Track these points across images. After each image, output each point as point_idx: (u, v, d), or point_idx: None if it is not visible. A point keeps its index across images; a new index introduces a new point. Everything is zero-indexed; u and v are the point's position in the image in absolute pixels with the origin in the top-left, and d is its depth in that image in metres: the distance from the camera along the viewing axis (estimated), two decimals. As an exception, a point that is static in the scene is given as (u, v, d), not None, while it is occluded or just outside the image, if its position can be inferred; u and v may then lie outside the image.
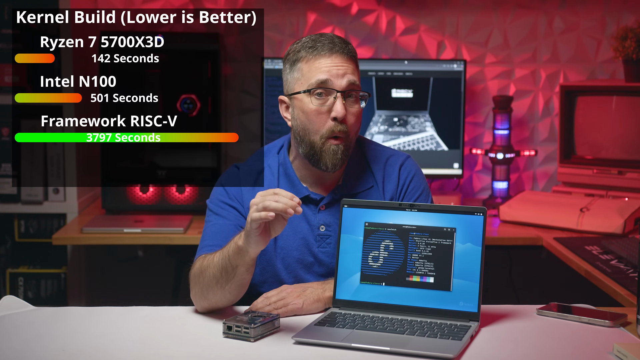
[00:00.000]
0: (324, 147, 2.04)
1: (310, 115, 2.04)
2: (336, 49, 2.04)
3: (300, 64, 2.05)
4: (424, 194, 2.17)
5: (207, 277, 1.94)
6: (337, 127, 2.03)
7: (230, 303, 1.99)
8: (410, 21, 3.78)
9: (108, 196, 3.40)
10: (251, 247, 1.84)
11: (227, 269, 1.90)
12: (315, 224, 2.11)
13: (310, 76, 2.03)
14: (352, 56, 2.06)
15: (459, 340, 1.75)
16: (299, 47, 2.07)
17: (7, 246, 3.55)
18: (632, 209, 3.16)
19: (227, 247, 1.92)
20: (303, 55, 2.05)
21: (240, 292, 1.96)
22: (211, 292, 1.95)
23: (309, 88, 2.03)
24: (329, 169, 2.06)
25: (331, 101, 2.03)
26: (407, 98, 3.57)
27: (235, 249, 1.87)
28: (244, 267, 1.89)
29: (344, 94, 2.03)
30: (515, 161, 3.80)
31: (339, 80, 2.02)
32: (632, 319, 1.95)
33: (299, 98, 2.06)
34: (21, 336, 1.84)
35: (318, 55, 2.03)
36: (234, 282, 1.91)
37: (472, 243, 1.89)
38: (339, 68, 2.03)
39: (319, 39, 2.05)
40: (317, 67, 2.03)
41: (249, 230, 1.81)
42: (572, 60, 3.80)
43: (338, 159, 2.05)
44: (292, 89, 2.08)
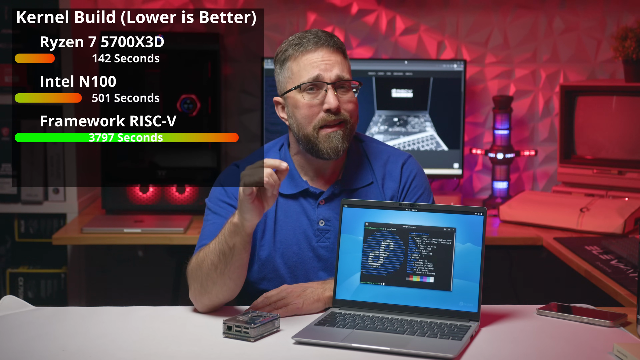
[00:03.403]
0: (319, 136, 2.05)
1: (303, 109, 2.05)
2: (321, 42, 2.05)
3: (289, 62, 2.07)
4: (425, 193, 2.17)
5: (205, 267, 1.95)
6: (330, 116, 2.04)
7: (231, 293, 1.98)
8: (410, 21, 3.78)
9: (108, 196, 3.40)
10: (246, 219, 1.86)
11: (224, 251, 1.91)
12: (315, 219, 2.12)
13: (300, 73, 2.05)
14: (338, 48, 2.08)
15: (459, 340, 1.75)
16: (285, 47, 2.09)
17: (7, 246, 3.55)
18: (632, 209, 3.16)
19: (221, 230, 1.94)
20: (290, 53, 2.07)
21: (239, 277, 1.96)
22: (211, 281, 1.95)
23: (299, 84, 2.04)
24: (331, 156, 2.07)
25: (322, 94, 2.04)
26: (407, 98, 3.57)
27: (231, 228, 1.90)
28: (241, 244, 1.90)
29: (334, 86, 2.04)
30: (515, 161, 3.80)
31: (327, 73, 2.04)
32: (632, 319, 1.94)
33: (292, 96, 2.07)
34: (21, 336, 1.84)
35: (304, 51, 2.05)
36: (232, 263, 1.92)
37: (472, 243, 1.89)
38: (327, 61, 2.04)
39: (304, 36, 2.07)
40: (305, 63, 2.05)
41: (242, 200, 1.84)
42: (572, 60, 3.80)
43: (336, 144, 2.05)
44: (284, 88, 2.10)
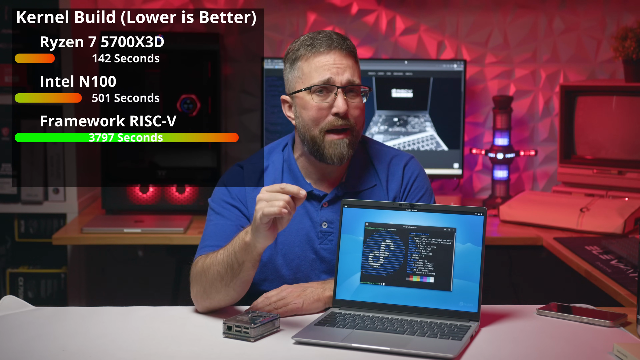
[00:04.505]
0: (325, 140, 2.04)
1: (312, 111, 2.04)
2: (334, 45, 2.04)
3: (300, 62, 2.06)
4: (427, 193, 2.17)
5: (210, 275, 1.94)
6: (337, 121, 2.03)
7: (232, 301, 1.99)
8: (410, 21, 3.78)
9: (108, 196, 3.40)
10: (259, 242, 1.85)
11: (232, 265, 1.91)
12: (318, 221, 2.12)
13: (311, 74, 2.04)
14: (350, 51, 2.07)
15: (459, 340, 1.75)
16: (297, 46, 2.07)
17: (7, 246, 3.55)
18: (632, 209, 3.16)
19: (232, 243, 1.93)
20: (302, 53, 2.05)
21: (243, 290, 1.97)
22: (214, 289, 1.95)
23: (309, 86, 2.03)
24: (334, 162, 2.06)
25: (332, 97, 2.03)
26: (407, 98, 3.57)
27: (242, 245, 1.88)
28: (251, 262, 1.90)
29: (344, 90, 2.03)
30: (515, 161, 3.80)
31: (339, 77, 2.03)
32: (632, 319, 1.94)
33: (301, 96, 2.06)
34: (21, 336, 1.84)
35: (317, 52, 2.04)
36: (239, 278, 1.92)
37: (472, 243, 1.89)
38: (339, 64, 2.03)
39: (317, 37, 2.06)
40: (316, 64, 2.03)
41: (258, 225, 1.82)
42: (572, 60, 3.80)
43: (341, 152, 2.04)
44: (294, 87, 2.08)
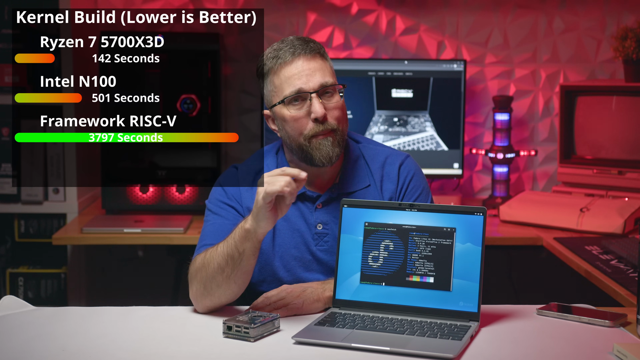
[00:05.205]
0: (311, 144, 2.04)
1: (291, 122, 2.04)
2: (297, 52, 2.03)
3: (270, 76, 2.06)
4: (423, 193, 2.17)
5: (210, 269, 1.94)
6: (319, 127, 2.03)
7: (233, 297, 1.98)
8: (410, 21, 3.78)
9: (108, 196, 3.40)
10: (260, 226, 1.86)
11: (233, 255, 1.91)
12: (312, 223, 2.12)
13: (282, 86, 2.04)
14: (316, 52, 2.05)
15: (459, 340, 1.75)
16: (264, 60, 2.07)
17: (7, 246, 3.55)
18: (632, 209, 3.16)
19: (231, 235, 1.94)
20: (269, 66, 2.06)
21: (244, 282, 1.97)
22: (215, 283, 1.95)
23: (282, 99, 2.04)
24: (324, 164, 2.06)
25: (308, 104, 2.03)
26: (407, 98, 3.57)
27: (242, 233, 1.89)
28: (251, 250, 1.91)
29: (318, 93, 2.03)
30: (515, 161, 3.80)
31: (309, 83, 2.02)
32: (632, 319, 1.94)
33: (278, 110, 2.06)
34: (21, 336, 1.84)
35: (283, 63, 2.03)
36: (240, 268, 1.92)
37: (472, 243, 1.89)
38: (306, 71, 2.02)
39: (280, 47, 2.05)
40: (285, 75, 2.03)
41: (261, 206, 1.84)
42: (572, 60, 3.80)
43: (328, 152, 2.04)
44: (271, 102, 2.09)
